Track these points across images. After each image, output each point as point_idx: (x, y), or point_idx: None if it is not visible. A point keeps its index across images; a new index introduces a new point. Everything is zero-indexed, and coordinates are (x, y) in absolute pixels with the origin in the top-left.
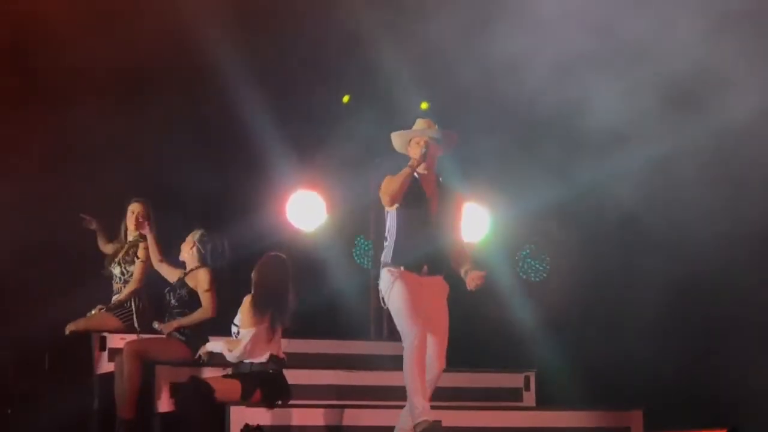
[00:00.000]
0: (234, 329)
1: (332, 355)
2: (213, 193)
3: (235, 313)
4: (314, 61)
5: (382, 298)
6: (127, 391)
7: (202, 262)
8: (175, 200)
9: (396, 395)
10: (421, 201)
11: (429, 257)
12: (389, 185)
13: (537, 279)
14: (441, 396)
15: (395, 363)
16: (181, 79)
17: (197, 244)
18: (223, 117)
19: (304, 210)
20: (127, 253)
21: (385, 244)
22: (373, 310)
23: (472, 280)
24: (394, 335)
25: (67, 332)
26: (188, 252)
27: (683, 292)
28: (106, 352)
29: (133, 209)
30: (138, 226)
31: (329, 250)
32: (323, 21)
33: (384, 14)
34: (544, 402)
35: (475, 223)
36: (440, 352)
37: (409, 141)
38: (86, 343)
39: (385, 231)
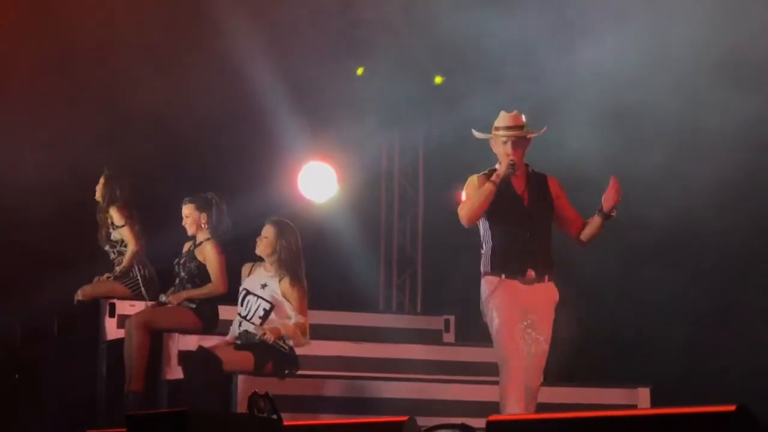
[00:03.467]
0: (263, 303)
1: (341, 327)
2: (223, 164)
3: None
4: (328, 31)
5: (482, 311)
6: (136, 363)
7: (211, 233)
8: (183, 171)
9: (404, 368)
10: (513, 199)
11: (533, 260)
12: (469, 203)
13: None
14: (448, 370)
15: (404, 336)
16: (192, 49)
17: (200, 212)
18: (235, 87)
19: (316, 181)
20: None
21: (482, 252)
22: (383, 283)
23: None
24: (403, 308)
25: (76, 300)
26: (194, 225)
27: (692, 268)
28: (115, 318)
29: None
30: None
31: (340, 222)
32: None
33: None
34: (551, 378)
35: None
36: (537, 367)
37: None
38: (95, 310)
39: (480, 237)
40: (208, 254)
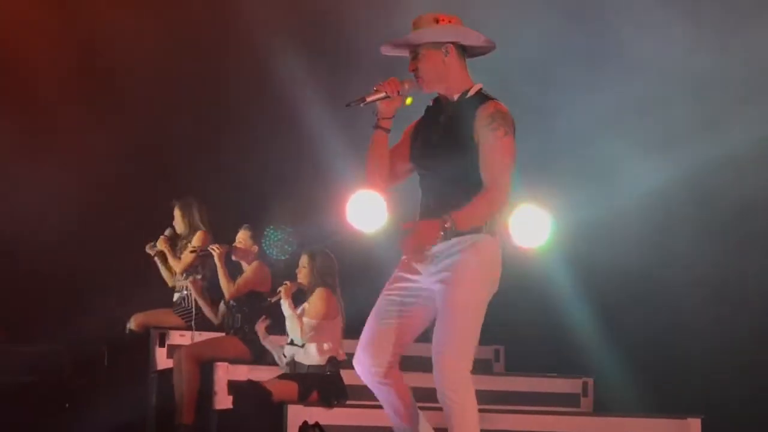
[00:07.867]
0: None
1: None
2: (271, 193)
3: None
4: (379, 60)
5: None
6: (186, 395)
7: (260, 258)
8: (232, 199)
9: None
10: (425, 138)
11: (436, 215)
12: None
13: None
14: (498, 399)
15: None
16: (243, 77)
17: (252, 242)
18: (284, 115)
19: (365, 210)
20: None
21: None
22: None
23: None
24: None
25: (127, 329)
26: (243, 250)
27: (745, 297)
28: (165, 348)
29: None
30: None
31: (389, 252)
32: (386, 21)
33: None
34: (601, 408)
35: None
36: (438, 347)
37: None
38: (145, 339)
39: None
40: (250, 267)
